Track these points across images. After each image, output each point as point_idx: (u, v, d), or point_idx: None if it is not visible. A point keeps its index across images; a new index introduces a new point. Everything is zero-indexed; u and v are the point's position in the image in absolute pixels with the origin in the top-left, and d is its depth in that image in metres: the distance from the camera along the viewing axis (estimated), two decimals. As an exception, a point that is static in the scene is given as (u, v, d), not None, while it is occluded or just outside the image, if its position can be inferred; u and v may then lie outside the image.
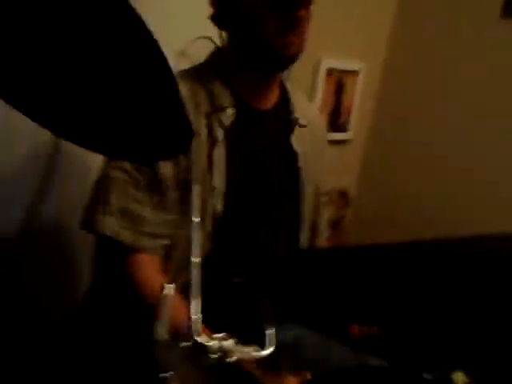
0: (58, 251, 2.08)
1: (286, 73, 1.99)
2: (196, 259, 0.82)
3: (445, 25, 2.64)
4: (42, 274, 1.99)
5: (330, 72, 2.60)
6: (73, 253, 2.09)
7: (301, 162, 1.65)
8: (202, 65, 1.59)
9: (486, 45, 2.52)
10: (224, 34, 1.56)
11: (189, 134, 0.74)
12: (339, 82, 2.66)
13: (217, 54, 1.57)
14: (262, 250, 1.58)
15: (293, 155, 1.64)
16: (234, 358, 0.74)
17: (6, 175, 1.89)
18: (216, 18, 1.52)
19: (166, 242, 1.48)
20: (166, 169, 1.45)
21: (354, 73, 2.71)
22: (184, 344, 0.75)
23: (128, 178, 1.45)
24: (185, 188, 1.46)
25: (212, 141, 1.49)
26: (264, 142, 1.60)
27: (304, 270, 0.82)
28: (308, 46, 2.37)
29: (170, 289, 0.81)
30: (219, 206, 1.49)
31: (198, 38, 1.75)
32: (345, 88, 2.69)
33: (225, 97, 1.52)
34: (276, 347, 0.76)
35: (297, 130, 1.65)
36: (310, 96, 2.54)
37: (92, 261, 1.64)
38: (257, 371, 1.09)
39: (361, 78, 2.73)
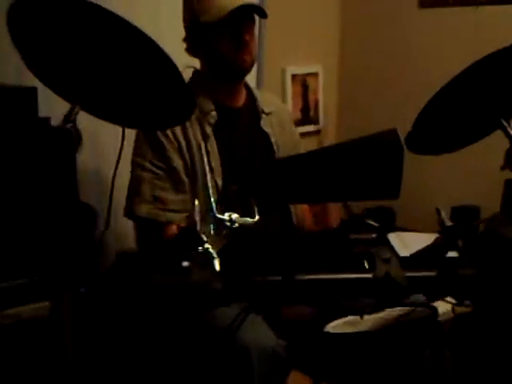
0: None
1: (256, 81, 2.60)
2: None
3: (376, 22, 3.29)
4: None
5: (295, 77, 3.23)
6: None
7: (273, 139, 2.23)
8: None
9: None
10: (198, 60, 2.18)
11: (192, 102, 1.35)
12: (303, 83, 3.28)
13: (196, 75, 2.18)
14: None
15: (266, 136, 2.23)
16: (237, 224, 1.33)
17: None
18: (189, 50, 2.14)
19: (186, 214, 2.07)
20: (177, 161, 2.04)
21: (315, 74, 3.33)
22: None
23: (151, 174, 2.04)
24: (192, 174, 2.04)
25: (205, 136, 2.07)
26: (242, 131, 2.18)
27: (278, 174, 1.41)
28: (273, 59, 3.02)
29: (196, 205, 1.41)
30: (220, 182, 2.07)
31: (186, 67, 2.35)
32: (309, 88, 3.31)
33: (208, 104, 2.09)
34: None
35: (264, 117, 2.24)
36: (282, 98, 3.15)
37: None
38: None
39: (321, 78, 3.35)
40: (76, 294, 1.28)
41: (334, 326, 1.72)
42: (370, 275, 1.30)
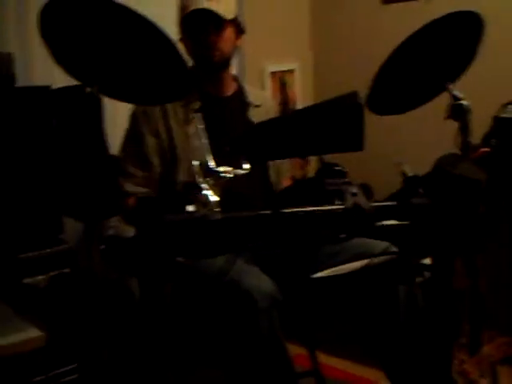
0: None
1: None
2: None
3: (343, 20, 3.62)
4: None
5: (273, 74, 3.56)
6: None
7: None
8: None
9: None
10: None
11: (190, 82, 1.65)
12: (282, 79, 3.61)
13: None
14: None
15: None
16: (231, 175, 1.64)
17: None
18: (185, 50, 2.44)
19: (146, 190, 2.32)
20: (150, 143, 2.31)
21: (292, 71, 3.66)
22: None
23: (126, 152, 2.33)
24: (171, 153, 2.33)
25: (187, 121, 2.35)
26: (229, 117, 2.47)
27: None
28: (254, 58, 3.34)
29: (196, 165, 1.71)
30: (202, 161, 2.33)
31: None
32: (287, 84, 3.64)
33: (193, 95, 2.39)
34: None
35: (252, 109, 2.54)
36: (263, 93, 3.47)
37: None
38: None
39: (297, 74, 3.68)
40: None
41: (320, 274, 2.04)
42: (342, 206, 1.60)
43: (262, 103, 2.57)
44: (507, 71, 3.07)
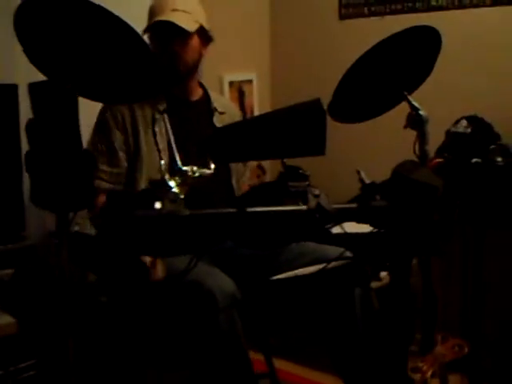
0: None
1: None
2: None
3: (302, 33, 3.71)
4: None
5: (232, 83, 3.61)
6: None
7: None
8: None
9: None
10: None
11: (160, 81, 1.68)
12: (240, 89, 3.67)
13: None
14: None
15: None
16: (197, 174, 1.68)
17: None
18: None
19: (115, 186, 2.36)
20: (118, 139, 2.36)
21: (249, 81, 3.73)
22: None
23: (94, 147, 2.35)
24: (135, 150, 2.38)
25: (154, 120, 2.39)
26: (194, 121, 2.53)
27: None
28: (212, 67, 3.39)
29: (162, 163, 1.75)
30: (165, 160, 2.35)
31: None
32: (245, 93, 3.70)
33: (159, 96, 2.43)
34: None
35: (217, 115, 2.60)
36: (221, 102, 3.52)
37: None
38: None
39: (255, 84, 3.75)
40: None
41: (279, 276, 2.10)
42: (304, 207, 1.66)
43: (227, 111, 2.63)
44: (460, 88, 3.19)
